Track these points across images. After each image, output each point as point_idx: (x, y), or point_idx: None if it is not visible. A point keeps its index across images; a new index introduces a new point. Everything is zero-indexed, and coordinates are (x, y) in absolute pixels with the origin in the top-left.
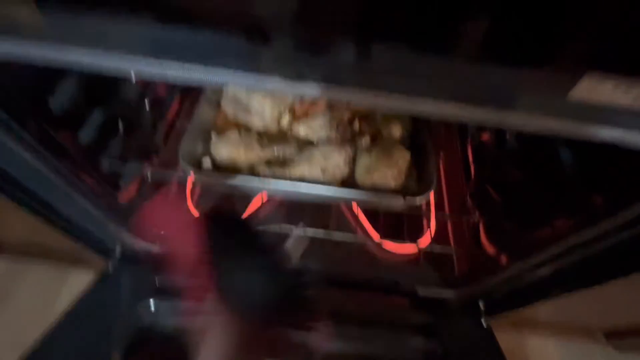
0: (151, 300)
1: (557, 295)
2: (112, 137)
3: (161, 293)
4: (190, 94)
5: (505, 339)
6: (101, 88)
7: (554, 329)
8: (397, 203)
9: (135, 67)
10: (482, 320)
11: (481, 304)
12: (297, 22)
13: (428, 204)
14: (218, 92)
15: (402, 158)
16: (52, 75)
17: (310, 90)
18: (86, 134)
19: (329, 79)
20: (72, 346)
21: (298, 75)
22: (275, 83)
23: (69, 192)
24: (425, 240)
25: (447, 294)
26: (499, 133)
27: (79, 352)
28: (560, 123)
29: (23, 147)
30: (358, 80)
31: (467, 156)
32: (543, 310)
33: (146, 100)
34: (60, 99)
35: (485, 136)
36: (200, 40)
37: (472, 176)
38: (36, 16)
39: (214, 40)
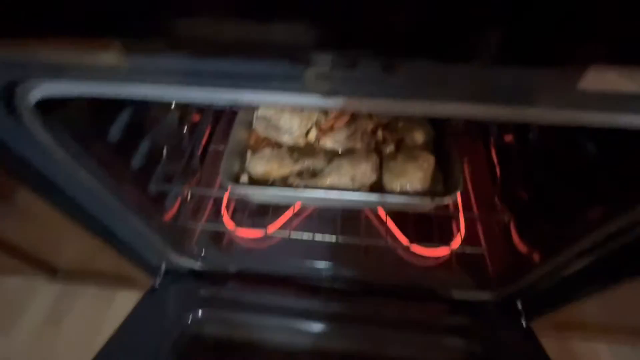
0: (197, 310)
1: (596, 290)
2: (157, 162)
3: (206, 303)
4: (220, 121)
5: (551, 345)
6: (149, 119)
7: (604, 332)
8: (426, 203)
9: (199, 95)
10: (522, 320)
11: (519, 304)
12: (332, 48)
13: (456, 206)
14: (250, 114)
15: (427, 162)
16: (111, 109)
17: (343, 103)
18: (137, 160)
19: (358, 92)
20: (126, 355)
21: (333, 92)
22: (313, 99)
23: (124, 214)
24: (456, 243)
25: (483, 296)
26: (521, 133)
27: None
28: (572, 113)
29: (89, 172)
30: (384, 92)
31: (491, 159)
32: (588, 310)
33: (185, 129)
34: (116, 130)
35: (508, 138)
36: (253, 69)
37: (498, 177)
38: (123, 60)
39: (264, 67)
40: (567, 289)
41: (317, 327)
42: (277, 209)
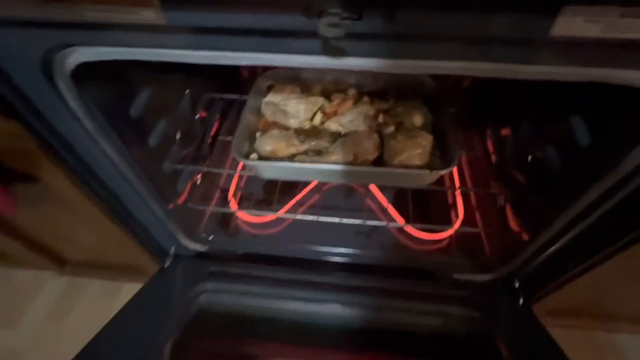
0: (205, 283)
1: (583, 262)
2: (171, 144)
3: (213, 276)
4: (228, 115)
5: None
6: (165, 103)
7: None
8: (425, 175)
9: (232, 57)
10: (520, 299)
11: (516, 283)
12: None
13: (454, 191)
14: (258, 100)
15: (425, 139)
16: (133, 87)
17: (353, 62)
18: (153, 139)
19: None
20: (136, 324)
21: (342, 53)
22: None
23: (140, 190)
24: (456, 225)
25: (482, 277)
26: (515, 119)
27: (142, 329)
28: (549, 68)
29: (111, 144)
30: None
31: (486, 145)
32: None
33: (196, 117)
34: (137, 107)
35: (504, 125)
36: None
37: (494, 161)
38: (161, 16)
39: (285, 33)
40: (558, 262)
41: (319, 296)
42: (282, 197)
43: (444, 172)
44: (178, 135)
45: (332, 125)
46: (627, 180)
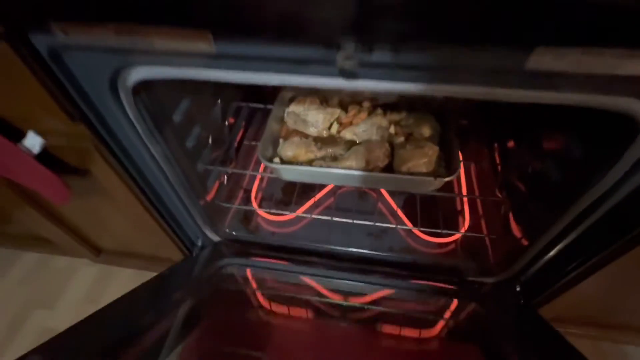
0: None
1: (578, 267)
2: (204, 147)
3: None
4: (252, 122)
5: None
6: (200, 111)
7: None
8: (428, 182)
9: (265, 78)
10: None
11: (517, 288)
12: (356, 37)
13: (462, 199)
14: (282, 110)
15: (432, 150)
16: (176, 97)
17: (365, 84)
18: (190, 142)
19: (372, 76)
20: (160, 287)
21: (355, 77)
22: (340, 82)
23: (177, 185)
24: (462, 230)
25: (487, 280)
26: (518, 133)
27: (164, 290)
28: (529, 92)
29: (157, 144)
30: (393, 78)
31: (493, 156)
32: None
33: (225, 124)
34: (178, 114)
35: (508, 138)
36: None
37: (499, 171)
38: (212, 46)
39: (309, 61)
40: (554, 268)
41: (332, 273)
42: (300, 198)
43: (446, 180)
44: (210, 139)
45: (348, 134)
46: (610, 194)
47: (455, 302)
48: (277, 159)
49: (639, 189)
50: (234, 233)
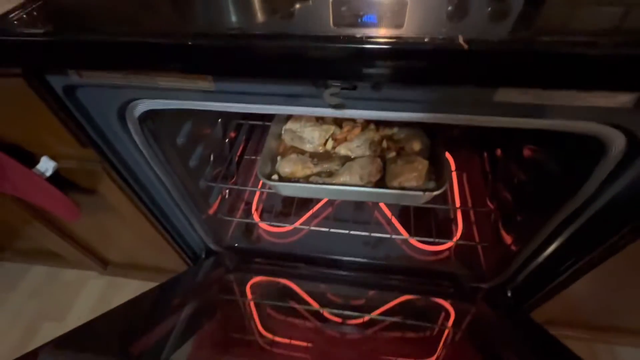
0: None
1: (562, 273)
2: (206, 165)
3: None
4: (252, 137)
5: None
6: (202, 131)
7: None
8: (419, 196)
9: (261, 109)
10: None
11: (509, 293)
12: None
13: (455, 208)
14: (279, 127)
15: (421, 164)
16: (179, 122)
17: (348, 113)
18: (193, 161)
19: (359, 105)
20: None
21: (341, 106)
22: (329, 111)
23: (181, 202)
24: (455, 238)
25: (479, 286)
26: (505, 148)
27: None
28: (497, 118)
29: (162, 166)
30: (375, 108)
31: (484, 169)
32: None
33: (226, 141)
34: (181, 137)
35: (497, 151)
36: (293, 90)
37: (490, 184)
38: (212, 85)
39: (300, 96)
40: (544, 272)
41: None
42: (299, 209)
43: (435, 194)
44: (212, 157)
45: (342, 150)
46: (589, 204)
47: (449, 306)
48: (275, 176)
49: (614, 199)
50: (236, 245)
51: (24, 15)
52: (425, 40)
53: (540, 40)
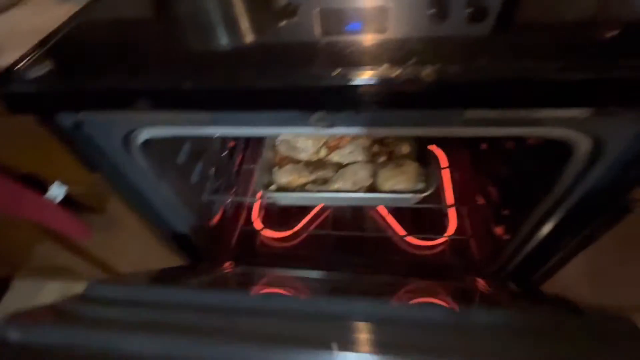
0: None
1: (551, 259)
2: (207, 180)
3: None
4: (249, 147)
5: None
6: (201, 148)
7: None
8: (410, 198)
9: (255, 132)
10: None
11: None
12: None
13: (446, 204)
14: (275, 138)
15: (411, 167)
16: (180, 143)
17: (334, 131)
18: (194, 177)
19: (344, 124)
20: None
21: (328, 125)
22: (317, 130)
23: (185, 219)
24: (448, 233)
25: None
26: (490, 144)
27: None
28: (469, 129)
29: (166, 184)
30: (358, 127)
31: (473, 166)
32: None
33: (225, 153)
34: (182, 156)
35: (484, 145)
36: (284, 116)
37: (479, 178)
38: (208, 116)
39: (289, 121)
40: (528, 264)
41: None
42: (299, 214)
43: (424, 195)
44: (212, 171)
45: (335, 157)
46: (565, 198)
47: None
48: (273, 187)
49: (587, 195)
50: (238, 250)
51: (32, 63)
52: (396, 75)
53: (494, 67)
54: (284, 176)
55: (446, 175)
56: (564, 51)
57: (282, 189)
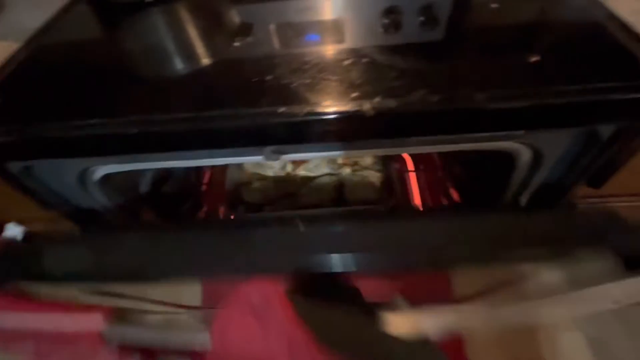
0: None
1: None
2: (176, 204)
3: None
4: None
5: None
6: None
7: None
8: (375, 208)
9: (212, 162)
10: None
11: None
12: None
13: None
14: None
15: (374, 177)
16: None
17: (283, 158)
18: (161, 203)
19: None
20: None
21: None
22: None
23: None
24: None
25: None
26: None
27: None
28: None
29: (128, 215)
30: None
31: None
32: None
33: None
34: (145, 185)
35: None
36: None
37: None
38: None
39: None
40: None
41: None
42: None
43: (388, 205)
44: (179, 193)
45: (302, 171)
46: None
47: None
48: (242, 207)
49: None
50: None
51: None
52: (340, 109)
53: (428, 100)
54: (253, 196)
55: (413, 178)
56: (492, 79)
57: (254, 206)
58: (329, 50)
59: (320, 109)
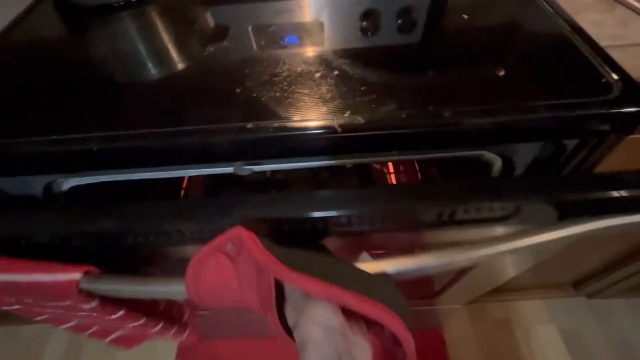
0: None
1: None
2: None
3: None
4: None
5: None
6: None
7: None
8: None
9: (183, 173)
10: None
11: None
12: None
13: None
14: None
15: (352, 182)
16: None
17: (262, 168)
18: None
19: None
20: None
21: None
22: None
23: None
24: None
25: None
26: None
27: None
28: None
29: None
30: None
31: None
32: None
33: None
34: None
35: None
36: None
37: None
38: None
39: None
40: None
41: None
42: None
43: None
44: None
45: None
46: None
47: None
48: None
49: None
50: None
51: None
52: (311, 125)
53: (396, 116)
54: None
55: (393, 179)
56: (459, 96)
57: None
58: (301, 60)
59: (289, 124)
